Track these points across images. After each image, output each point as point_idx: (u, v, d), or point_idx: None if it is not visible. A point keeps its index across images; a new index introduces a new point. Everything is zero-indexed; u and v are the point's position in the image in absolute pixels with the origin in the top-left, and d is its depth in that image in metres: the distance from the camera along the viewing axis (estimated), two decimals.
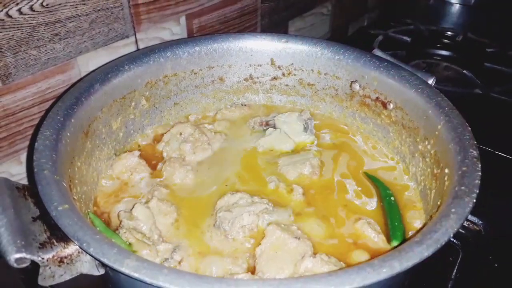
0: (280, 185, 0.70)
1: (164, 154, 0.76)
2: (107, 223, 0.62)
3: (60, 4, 0.68)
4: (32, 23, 0.66)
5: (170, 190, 0.69)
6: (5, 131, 0.70)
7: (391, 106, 0.74)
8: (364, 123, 0.81)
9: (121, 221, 0.59)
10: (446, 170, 0.58)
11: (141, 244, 0.56)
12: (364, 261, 0.43)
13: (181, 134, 0.77)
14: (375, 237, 0.61)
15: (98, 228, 0.56)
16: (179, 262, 0.57)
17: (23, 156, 0.74)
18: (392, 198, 0.67)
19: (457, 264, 0.69)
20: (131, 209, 0.62)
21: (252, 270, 0.56)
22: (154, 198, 0.64)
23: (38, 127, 0.57)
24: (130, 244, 0.55)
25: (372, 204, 0.68)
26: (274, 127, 0.81)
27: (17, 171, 0.74)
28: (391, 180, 0.72)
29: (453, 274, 0.68)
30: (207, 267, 0.57)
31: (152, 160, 0.75)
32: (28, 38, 0.66)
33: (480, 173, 0.53)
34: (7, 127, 0.70)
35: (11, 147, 0.72)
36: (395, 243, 0.60)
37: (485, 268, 0.70)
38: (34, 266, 0.45)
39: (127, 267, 0.40)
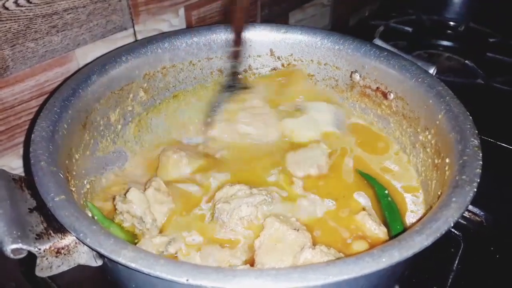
0: (280, 177, 0.69)
1: None
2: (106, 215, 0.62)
3: None
4: (29, 15, 0.65)
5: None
6: (4, 125, 0.70)
7: (392, 96, 0.73)
8: (365, 113, 0.80)
9: (115, 205, 0.59)
10: (447, 160, 0.58)
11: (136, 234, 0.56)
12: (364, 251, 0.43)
13: None
14: (375, 229, 0.61)
15: (96, 217, 0.56)
16: (175, 255, 0.57)
17: (23, 150, 0.74)
18: (390, 198, 0.66)
19: (459, 255, 0.69)
20: (125, 193, 0.61)
21: (251, 262, 0.56)
22: (151, 188, 0.63)
23: (35, 120, 0.57)
24: (125, 232, 0.55)
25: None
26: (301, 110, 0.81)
27: (17, 165, 0.74)
28: None
29: (455, 265, 0.68)
30: (205, 259, 0.57)
31: None
32: (25, 30, 0.66)
33: (481, 162, 0.52)
34: (6, 121, 0.70)
35: (10, 141, 0.72)
36: None
37: (487, 259, 0.70)
38: (32, 258, 0.45)
39: (124, 258, 0.40)
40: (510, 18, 1.27)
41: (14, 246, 0.42)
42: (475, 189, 0.49)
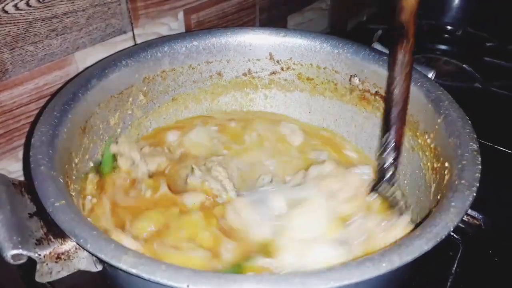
0: None
1: None
2: None
3: None
4: (28, 18, 0.65)
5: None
6: (2, 128, 0.69)
7: None
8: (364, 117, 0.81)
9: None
10: (446, 164, 0.58)
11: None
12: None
13: None
14: None
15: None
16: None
17: (21, 153, 0.74)
18: None
19: (457, 258, 0.69)
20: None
21: None
22: (147, 146, 0.72)
23: (35, 124, 0.57)
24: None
25: None
26: None
27: (15, 168, 0.74)
28: None
29: (453, 268, 0.68)
30: None
31: None
32: (25, 33, 0.66)
33: (480, 167, 0.52)
34: (5, 124, 0.69)
35: (9, 144, 0.71)
36: None
37: (486, 262, 0.70)
38: (32, 263, 0.45)
39: (124, 263, 0.40)
40: (507, 23, 1.27)
41: (14, 251, 0.42)
42: (475, 194, 0.49)
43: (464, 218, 0.73)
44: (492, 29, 1.29)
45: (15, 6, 0.63)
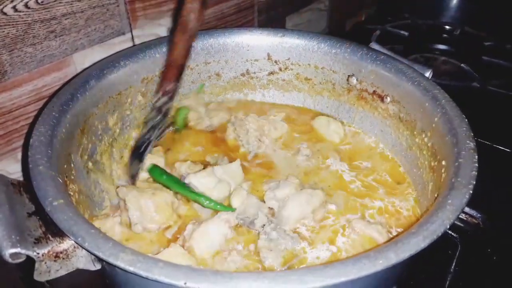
0: None
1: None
2: None
3: (55, 1, 0.68)
4: (27, 20, 0.66)
5: None
6: (1, 129, 0.70)
7: (388, 99, 0.74)
8: (361, 117, 0.81)
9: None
10: (443, 162, 0.58)
11: None
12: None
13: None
14: None
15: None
16: None
17: (20, 154, 0.74)
18: None
19: (456, 257, 0.69)
20: None
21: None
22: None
23: (33, 125, 0.57)
24: None
25: None
26: None
27: (14, 169, 0.74)
28: None
29: (452, 267, 0.68)
30: None
31: None
32: (24, 35, 0.66)
33: (476, 165, 0.53)
34: (4, 125, 0.70)
35: (8, 145, 0.72)
36: None
37: (484, 261, 0.70)
38: (30, 262, 0.45)
39: (122, 261, 0.40)
40: (505, 22, 1.28)
41: (13, 250, 0.42)
42: (471, 191, 0.49)
43: (462, 217, 0.74)
44: (490, 28, 1.29)
45: (14, 8, 0.63)
